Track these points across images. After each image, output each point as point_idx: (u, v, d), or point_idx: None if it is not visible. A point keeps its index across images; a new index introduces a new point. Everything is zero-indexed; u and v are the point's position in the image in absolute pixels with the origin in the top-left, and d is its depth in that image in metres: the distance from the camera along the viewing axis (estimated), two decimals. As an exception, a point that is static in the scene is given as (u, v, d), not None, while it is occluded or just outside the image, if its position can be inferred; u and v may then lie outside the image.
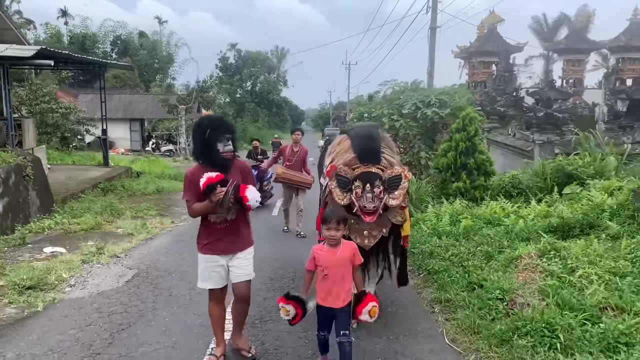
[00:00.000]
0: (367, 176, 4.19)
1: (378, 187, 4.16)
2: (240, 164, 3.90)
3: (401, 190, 4.24)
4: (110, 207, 10.21)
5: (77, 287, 5.63)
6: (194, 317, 4.67)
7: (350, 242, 3.75)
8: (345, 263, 3.57)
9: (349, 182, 4.23)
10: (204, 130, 3.66)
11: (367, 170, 4.24)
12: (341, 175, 4.27)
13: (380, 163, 4.37)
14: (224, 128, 3.70)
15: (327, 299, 3.53)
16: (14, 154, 9.22)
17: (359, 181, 4.19)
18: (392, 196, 4.20)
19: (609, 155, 9.80)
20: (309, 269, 3.65)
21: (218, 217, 3.74)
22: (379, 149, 4.49)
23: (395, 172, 4.26)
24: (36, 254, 6.84)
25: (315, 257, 3.60)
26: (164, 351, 3.98)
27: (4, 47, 9.40)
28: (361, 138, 4.57)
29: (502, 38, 20.43)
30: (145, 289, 5.53)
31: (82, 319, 4.62)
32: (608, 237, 6.37)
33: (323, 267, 3.54)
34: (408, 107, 10.87)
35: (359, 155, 4.39)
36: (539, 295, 4.58)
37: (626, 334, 3.83)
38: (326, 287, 3.54)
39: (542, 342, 3.81)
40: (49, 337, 4.21)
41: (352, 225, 4.32)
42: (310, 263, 3.63)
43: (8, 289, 5.32)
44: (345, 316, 3.55)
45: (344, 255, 3.57)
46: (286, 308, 3.63)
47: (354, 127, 5.23)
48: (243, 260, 3.83)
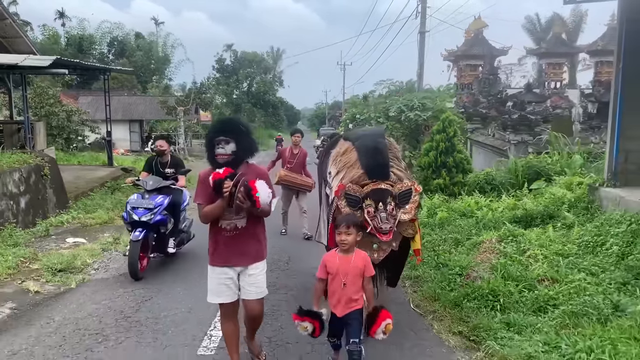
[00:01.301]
0: (378, 194, 4.08)
1: (390, 204, 4.06)
2: (254, 169, 3.71)
3: (412, 204, 4.18)
4: (120, 204, 11.09)
5: (100, 270, 6.53)
6: (205, 291, 5.56)
7: (363, 253, 3.63)
8: (358, 272, 3.49)
9: (358, 201, 4.10)
10: (208, 131, 3.69)
11: (377, 187, 4.11)
12: (350, 194, 4.12)
13: (390, 178, 4.27)
14: (222, 130, 3.57)
15: (338, 306, 3.49)
16: (32, 155, 10.11)
17: (370, 200, 4.07)
18: (403, 211, 4.12)
19: (576, 154, 10.77)
20: (321, 277, 3.55)
21: (229, 224, 3.57)
22: (388, 163, 4.39)
23: (405, 187, 4.19)
24: (60, 243, 7.73)
25: (326, 265, 3.52)
26: (181, 315, 4.90)
27: (22, 57, 10.27)
28: (369, 152, 4.43)
29: (487, 42, 21.39)
30: (159, 271, 6.43)
31: (111, 293, 5.53)
32: (564, 226, 7.29)
33: (334, 274, 3.48)
34: (393, 111, 11.83)
35: (367, 171, 4.29)
36: (490, 270, 5.52)
37: (554, 298, 4.78)
38: (337, 294, 3.48)
39: (486, 305, 4.75)
40: (86, 306, 5.12)
41: (360, 238, 4.05)
42: (322, 271, 3.54)
43: (43, 271, 6.21)
44: (356, 324, 3.48)
45: (356, 264, 3.50)
46: (303, 325, 3.52)
47: (359, 136, 4.98)
48: (255, 276, 3.63)
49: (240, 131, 3.61)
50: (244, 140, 3.60)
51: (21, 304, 5.17)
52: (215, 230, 3.63)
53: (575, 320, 4.32)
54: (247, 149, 3.63)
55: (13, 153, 9.92)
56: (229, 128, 3.59)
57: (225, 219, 3.56)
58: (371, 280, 3.65)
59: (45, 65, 9.95)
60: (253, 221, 3.63)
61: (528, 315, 4.52)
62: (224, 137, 3.51)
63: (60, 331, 4.47)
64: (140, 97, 36.72)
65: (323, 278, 3.54)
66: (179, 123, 28.35)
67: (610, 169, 7.95)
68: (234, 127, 3.62)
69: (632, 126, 7.80)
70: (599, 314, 4.36)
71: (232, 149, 3.53)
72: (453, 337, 4.34)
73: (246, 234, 3.61)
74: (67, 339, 4.30)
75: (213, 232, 3.65)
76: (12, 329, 4.55)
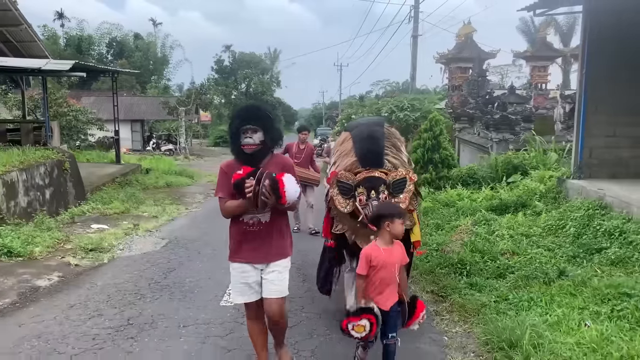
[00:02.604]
0: (370, 182, 4.00)
1: (383, 193, 3.96)
2: (279, 159, 3.53)
3: (406, 193, 4.06)
4: (133, 197, 12.04)
5: (125, 250, 7.48)
6: (221, 265, 6.46)
7: (399, 241, 3.50)
8: (400, 261, 3.43)
9: (351, 189, 4.04)
10: (231, 120, 3.46)
11: (369, 175, 4.04)
12: (342, 181, 4.08)
13: (384, 166, 4.22)
14: (249, 118, 3.31)
15: (378, 300, 3.38)
16: (54, 151, 11.05)
17: (362, 187, 3.99)
18: (397, 200, 3.98)
19: (550, 151, 11.78)
20: (364, 273, 3.37)
21: (252, 218, 3.37)
22: (382, 151, 4.33)
23: (400, 175, 4.09)
24: (86, 229, 8.68)
25: (370, 259, 3.34)
26: (203, 280, 5.88)
27: (44, 61, 11.21)
28: (363, 140, 4.40)
29: (477, 45, 22.39)
30: (178, 251, 7.38)
31: (139, 266, 6.48)
32: (533, 213, 8.28)
33: (379, 267, 3.33)
34: (385, 111, 12.80)
35: (360, 158, 4.25)
36: (461, 246, 6.50)
37: (512, 266, 5.76)
38: (378, 288, 3.37)
39: (455, 271, 5.73)
40: (121, 275, 6.08)
41: (358, 230, 4.16)
42: (364, 266, 3.35)
43: (77, 250, 7.16)
44: (395, 317, 3.41)
45: (399, 253, 3.43)
46: (361, 324, 3.28)
47: (357, 125, 4.99)
48: (278, 274, 3.42)
49: (268, 119, 3.38)
50: (271, 128, 3.37)
51: (66, 273, 6.13)
52: (237, 225, 3.42)
53: (527, 282, 5.30)
54: (275, 137, 3.42)
55: (37, 149, 10.86)
56: (256, 116, 3.33)
57: (248, 212, 3.35)
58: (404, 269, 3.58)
59: (66, 70, 10.86)
60: (278, 216, 3.43)
61: (489, 280, 5.50)
62: (251, 126, 3.27)
63: (105, 291, 5.44)
64: (141, 97, 37.67)
65: (365, 274, 3.36)
66: (181, 123, 29.27)
67: (576, 163, 8.95)
68: (262, 114, 3.37)
69: (595, 125, 8.81)
70: (546, 277, 5.33)
71: (260, 138, 3.30)
72: (426, 295, 5.31)
73: (270, 230, 3.41)
74: (112, 297, 5.26)
75: (234, 226, 3.44)
76: (65, 290, 5.51)
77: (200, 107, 32.58)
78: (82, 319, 4.65)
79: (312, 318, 4.69)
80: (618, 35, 8.32)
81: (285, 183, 3.14)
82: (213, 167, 22.73)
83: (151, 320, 4.62)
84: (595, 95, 8.69)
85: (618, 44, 8.38)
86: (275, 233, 3.44)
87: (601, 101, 8.66)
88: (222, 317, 4.59)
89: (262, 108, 3.45)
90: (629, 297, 4.43)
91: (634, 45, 8.20)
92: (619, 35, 8.31)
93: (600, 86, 8.61)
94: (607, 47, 8.45)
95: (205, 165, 23.71)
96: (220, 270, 6.15)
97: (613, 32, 8.36)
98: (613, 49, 8.42)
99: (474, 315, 4.60)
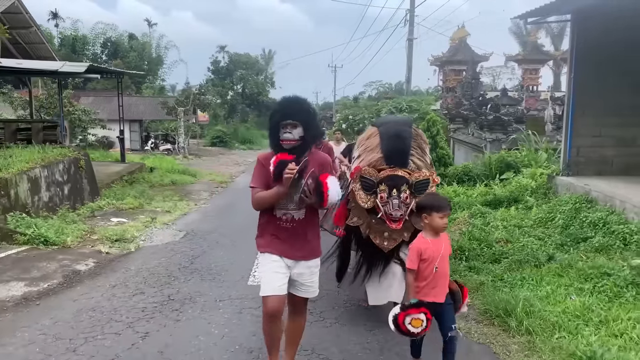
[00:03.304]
0: (393, 180, 4.05)
1: (404, 192, 4.00)
2: (319, 157, 3.40)
3: None
4: (144, 193, 12.58)
5: (147, 241, 8.03)
6: (241, 253, 7.01)
7: (445, 233, 3.50)
8: (448, 253, 3.42)
9: (373, 185, 4.10)
10: (271, 113, 3.38)
11: (393, 173, 4.10)
12: (366, 177, 4.13)
13: (408, 166, 4.25)
14: (289, 113, 3.23)
15: (431, 293, 3.32)
16: (71, 150, 11.58)
17: (385, 185, 4.04)
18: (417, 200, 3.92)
19: (541, 150, 12.47)
20: (415, 268, 3.32)
21: (285, 214, 3.30)
22: (408, 151, 4.35)
23: (423, 176, 4.13)
24: (107, 222, 9.22)
25: (422, 252, 3.30)
26: (228, 265, 6.46)
27: (60, 64, 11.74)
28: (390, 138, 4.42)
29: (470, 48, 23.14)
30: (197, 241, 7.95)
31: (165, 254, 7.05)
32: (525, 207, 8.93)
33: (430, 260, 3.29)
34: (384, 112, 13.43)
35: (385, 156, 4.29)
36: (460, 235, 7.13)
37: (506, 252, 6.39)
38: (432, 281, 3.31)
39: (455, 257, 6.34)
40: (151, 261, 6.65)
41: (372, 225, 4.24)
42: (415, 260, 3.31)
43: (104, 240, 7.71)
44: (450, 309, 3.41)
45: (447, 245, 3.43)
46: (419, 318, 3.23)
47: (386, 122, 5.02)
48: (310, 275, 3.37)
49: (309, 114, 3.30)
50: (312, 124, 3.30)
51: (99, 260, 6.69)
52: (269, 219, 3.35)
53: (519, 265, 5.94)
54: (316, 134, 3.39)
55: (54, 147, 11.39)
56: (296, 110, 3.25)
57: (280, 208, 3.29)
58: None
59: (81, 71, 11.40)
60: (311, 213, 3.37)
61: (486, 264, 6.13)
62: (292, 121, 3.20)
63: (139, 274, 6.01)
64: (139, 97, 38.11)
65: (415, 268, 3.32)
66: (179, 123, 29.73)
67: (565, 161, 9.61)
68: (302, 109, 3.29)
69: (583, 127, 9.47)
70: (537, 261, 5.97)
71: (300, 133, 3.22)
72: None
73: (304, 227, 3.34)
74: (147, 279, 5.84)
75: (265, 219, 3.37)
76: (103, 274, 6.08)
77: (199, 107, 33.07)
78: (126, 296, 5.23)
79: (332, 294, 5.28)
80: (604, 42, 8.97)
81: (329, 186, 3.14)
82: (213, 166, 23.35)
83: (189, 296, 5.21)
84: (583, 99, 9.36)
85: (604, 51, 9.03)
86: (308, 231, 3.36)
87: (588, 104, 9.33)
88: (252, 294, 5.17)
89: (303, 103, 3.36)
90: (608, 275, 5.08)
91: (620, 52, 8.86)
92: (605, 42, 8.96)
93: (588, 90, 9.28)
94: (594, 53, 9.11)
95: (204, 164, 24.21)
96: (242, 257, 6.75)
97: (600, 40, 9.01)
98: (600, 55, 9.07)
99: (473, 292, 5.22)
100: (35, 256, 6.50)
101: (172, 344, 4.09)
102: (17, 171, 8.72)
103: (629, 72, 8.91)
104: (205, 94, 33.19)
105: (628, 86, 9.00)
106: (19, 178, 8.70)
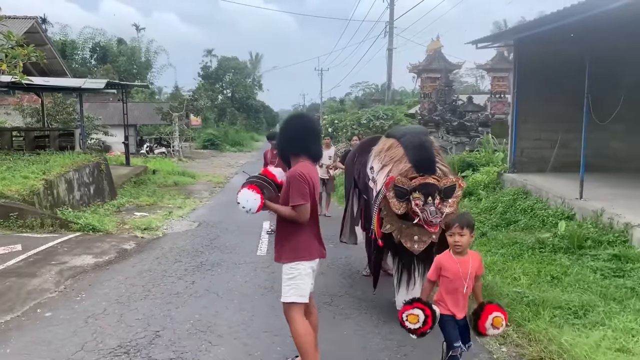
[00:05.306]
0: (426, 188, 4.34)
1: (436, 198, 4.30)
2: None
3: (454, 198, 4.46)
4: (154, 193, 14.42)
5: (170, 229, 9.88)
6: (246, 236, 8.91)
7: (476, 252, 3.56)
8: (475, 273, 3.39)
9: (406, 193, 4.39)
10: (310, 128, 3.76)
11: (425, 181, 4.37)
12: (399, 186, 4.42)
13: (436, 173, 4.56)
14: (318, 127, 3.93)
15: (453, 309, 3.40)
16: (93, 155, 13.40)
17: (419, 193, 4.32)
18: (447, 204, 4.34)
19: (501, 151, 14.53)
20: (433, 280, 3.44)
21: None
22: (434, 159, 4.70)
23: (450, 182, 4.47)
24: (132, 215, 11.06)
25: (442, 267, 3.36)
26: (238, 243, 8.36)
27: (82, 81, 13.55)
28: (416, 148, 4.77)
29: (444, 58, 25.16)
30: (212, 229, 9.82)
31: (188, 237, 8.92)
32: (477, 199, 10.94)
33: (451, 277, 3.34)
34: (364, 119, 15.42)
35: (415, 165, 4.61)
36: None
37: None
38: (454, 298, 3.39)
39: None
40: (178, 242, 8.51)
41: (402, 229, 4.55)
42: (435, 273, 3.40)
43: (135, 228, 9.55)
44: (467, 326, 3.47)
45: (474, 266, 3.38)
46: (414, 313, 3.31)
47: (404, 133, 5.33)
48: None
49: None
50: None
51: (138, 242, 8.55)
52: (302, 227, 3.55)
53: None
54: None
55: (79, 154, 13.20)
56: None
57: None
58: (481, 277, 3.56)
59: (101, 88, 13.22)
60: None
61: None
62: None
63: (173, 251, 7.89)
64: (134, 103, 39.59)
65: (435, 280, 3.44)
66: (174, 127, 31.44)
67: (511, 160, 11.66)
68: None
69: (525, 132, 11.54)
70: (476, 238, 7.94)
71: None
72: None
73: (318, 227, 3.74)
74: (180, 254, 7.71)
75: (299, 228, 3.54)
76: (145, 251, 7.94)
77: (192, 112, 34.83)
78: (169, 262, 7.13)
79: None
80: (540, 63, 11.01)
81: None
82: (207, 168, 25.11)
83: (216, 262, 7.12)
84: (525, 108, 11.42)
85: (540, 70, 11.08)
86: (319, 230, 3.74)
87: (529, 113, 11.39)
88: (261, 260, 7.12)
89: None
90: (517, 244, 7.08)
91: (552, 71, 10.90)
92: (540, 63, 11.00)
93: (529, 101, 11.33)
94: (533, 71, 11.16)
95: (199, 166, 25.88)
96: (248, 237, 8.66)
97: (536, 61, 11.06)
98: (537, 73, 11.12)
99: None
100: (90, 239, 8.36)
101: (213, 286, 6.04)
102: (57, 174, 10.58)
103: (560, 86, 10.94)
104: (198, 99, 34.89)
105: (561, 98, 11.02)
106: (59, 180, 10.55)
